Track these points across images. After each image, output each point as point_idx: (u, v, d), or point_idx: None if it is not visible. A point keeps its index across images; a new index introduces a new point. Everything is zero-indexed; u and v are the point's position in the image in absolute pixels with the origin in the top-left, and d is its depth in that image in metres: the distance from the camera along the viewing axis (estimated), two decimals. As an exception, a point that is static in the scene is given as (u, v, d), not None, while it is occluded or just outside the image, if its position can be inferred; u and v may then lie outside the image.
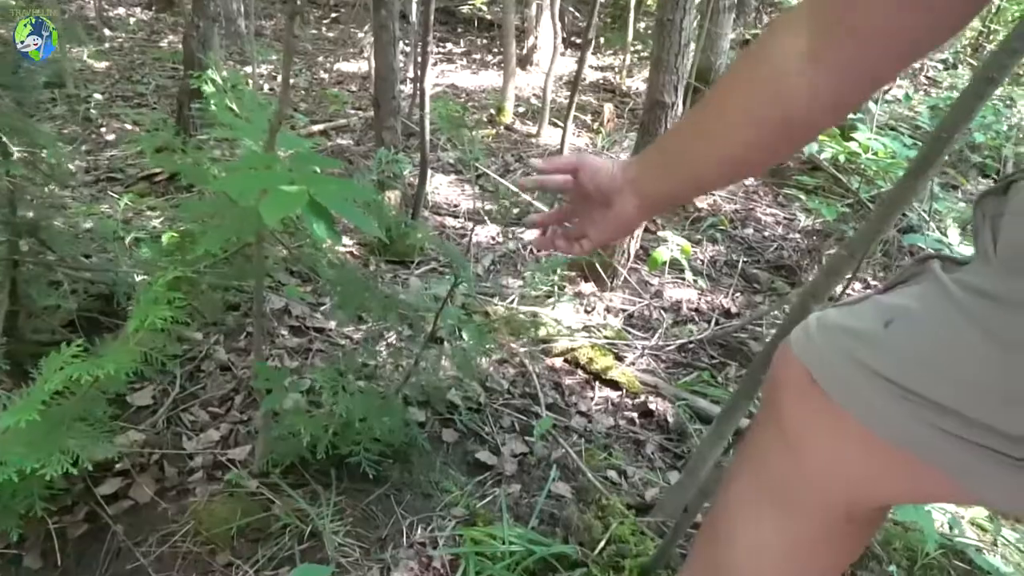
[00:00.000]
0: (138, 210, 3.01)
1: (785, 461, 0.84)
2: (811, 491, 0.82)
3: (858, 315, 0.77)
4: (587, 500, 1.80)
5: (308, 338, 2.32)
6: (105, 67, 5.33)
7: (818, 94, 0.73)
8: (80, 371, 1.17)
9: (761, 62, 0.76)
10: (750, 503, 0.90)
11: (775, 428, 0.85)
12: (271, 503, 1.66)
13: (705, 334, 2.73)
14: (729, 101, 0.80)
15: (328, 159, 1.40)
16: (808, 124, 0.78)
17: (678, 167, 0.87)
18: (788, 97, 0.74)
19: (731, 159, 0.82)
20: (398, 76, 2.81)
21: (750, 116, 0.78)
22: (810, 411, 0.79)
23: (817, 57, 0.71)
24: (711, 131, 0.82)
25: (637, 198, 0.90)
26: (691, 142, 0.86)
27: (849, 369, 0.74)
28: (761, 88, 0.76)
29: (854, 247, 1.51)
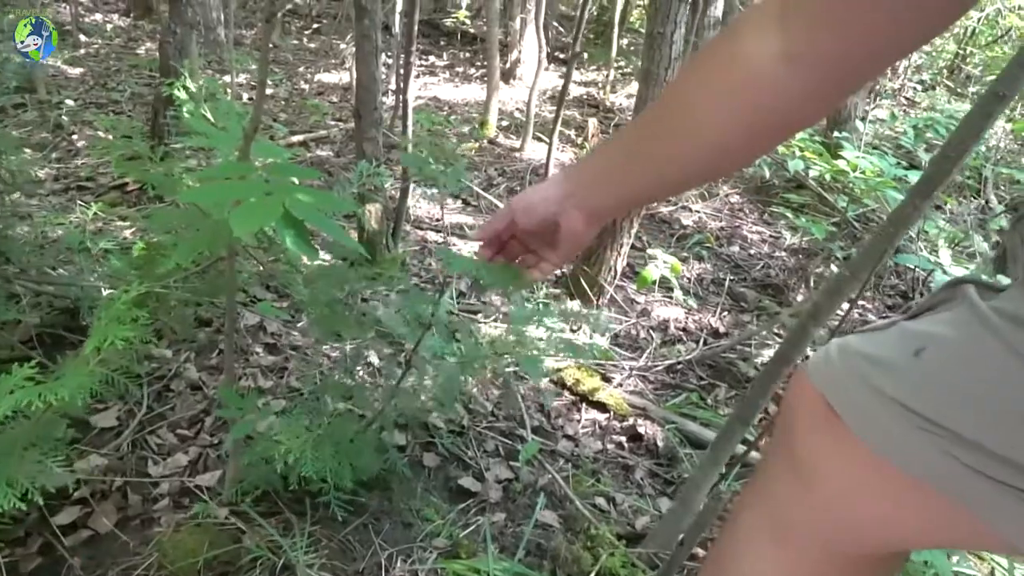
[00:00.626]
0: (108, 220, 2.90)
1: (792, 492, 0.78)
2: (815, 527, 0.76)
3: (883, 343, 0.71)
4: (575, 529, 1.72)
5: (283, 356, 2.22)
6: (79, 73, 5.21)
7: (793, 96, 0.67)
8: (31, 396, 1.07)
9: (728, 64, 0.70)
10: (757, 540, 0.83)
11: (785, 457, 0.79)
12: (241, 533, 1.56)
13: (693, 354, 2.67)
14: (694, 107, 0.74)
15: (306, 169, 1.31)
16: (783, 127, 0.73)
17: (630, 175, 0.82)
18: (762, 101, 0.69)
19: (696, 165, 0.78)
20: (380, 87, 2.73)
21: (719, 122, 0.72)
22: (824, 440, 0.73)
23: (792, 57, 0.65)
24: (672, 139, 0.77)
25: (580, 211, 0.85)
26: (644, 150, 0.80)
27: (869, 397, 0.68)
28: (731, 93, 0.70)
29: (857, 267, 1.46)
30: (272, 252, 1.71)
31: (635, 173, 0.82)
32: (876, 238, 1.44)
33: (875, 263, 1.44)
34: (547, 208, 0.87)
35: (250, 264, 1.96)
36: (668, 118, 0.78)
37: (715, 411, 2.38)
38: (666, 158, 0.78)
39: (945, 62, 9.66)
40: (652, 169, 0.80)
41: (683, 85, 0.77)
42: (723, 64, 0.71)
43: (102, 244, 2.53)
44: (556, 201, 0.86)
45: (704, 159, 0.76)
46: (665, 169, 0.80)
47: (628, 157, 0.82)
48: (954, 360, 0.64)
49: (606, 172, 0.84)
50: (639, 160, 0.81)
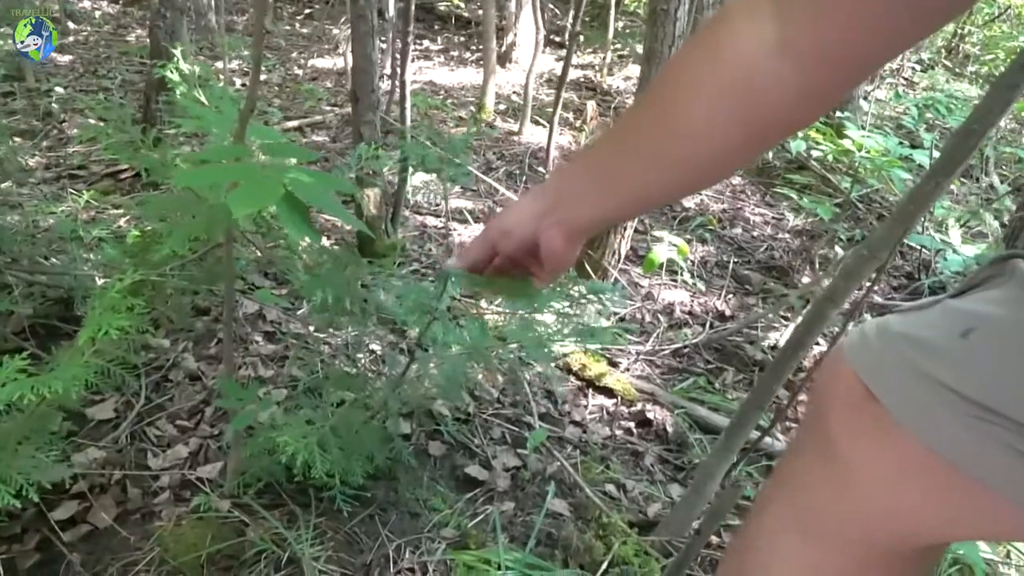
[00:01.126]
0: (101, 208, 2.84)
1: (827, 486, 0.73)
2: (853, 522, 0.71)
3: (926, 323, 0.66)
4: (586, 518, 1.68)
5: (284, 344, 2.18)
6: (68, 61, 5.12)
7: (792, 91, 0.61)
8: (23, 389, 1.02)
9: (718, 59, 0.64)
10: (784, 533, 0.78)
11: (818, 448, 0.74)
12: (245, 526, 1.52)
13: (700, 338, 2.63)
14: (680, 110, 0.67)
15: (304, 150, 1.27)
16: (780, 126, 0.66)
17: (613, 186, 0.74)
18: (757, 98, 0.62)
19: (684, 172, 0.70)
20: (377, 69, 2.67)
21: (709, 123, 0.65)
22: (863, 429, 0.68)
23: (789, 47, 0.59)
24: (657, 145, 0.70)
25: (559, 228, 0.77)
26: (631, 158, 0.72)
27: (914, 382, 0.63)
28: (721, 90, 0.63)
29: (876, 246, 1.41)
30: (271, 237, 1.66)
31: (616, 183, 0.74)
32: (896, 216, 1.39)
33: (896, 242, 1.39)
34: (524, 229, 0.80)
35: (248, 251, 1.91)
36: (651, 122, 0.71)
37: (723, 395, 2.35)
38: (651, 166, 0.71)
39: (944, 42, 9.58)
40: (635, 178, 0.73)
41: (668, 83, 0.70)
42: (712, 57, 0.64)
43: (95, 233, 2.48)
44: (532, 220, 0.79)
45: (693, 165, 0.69)
46: (650, 178, 0.72)
47: (608, 166, 0.75)
48: (1007, 342, 0.60)
49: (585, 184, 0.76)
50: (621, 169, 0.74)
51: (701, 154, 0.67)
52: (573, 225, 0.77)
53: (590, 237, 0.84)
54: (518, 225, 0.80)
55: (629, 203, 0.77)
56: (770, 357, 2.58)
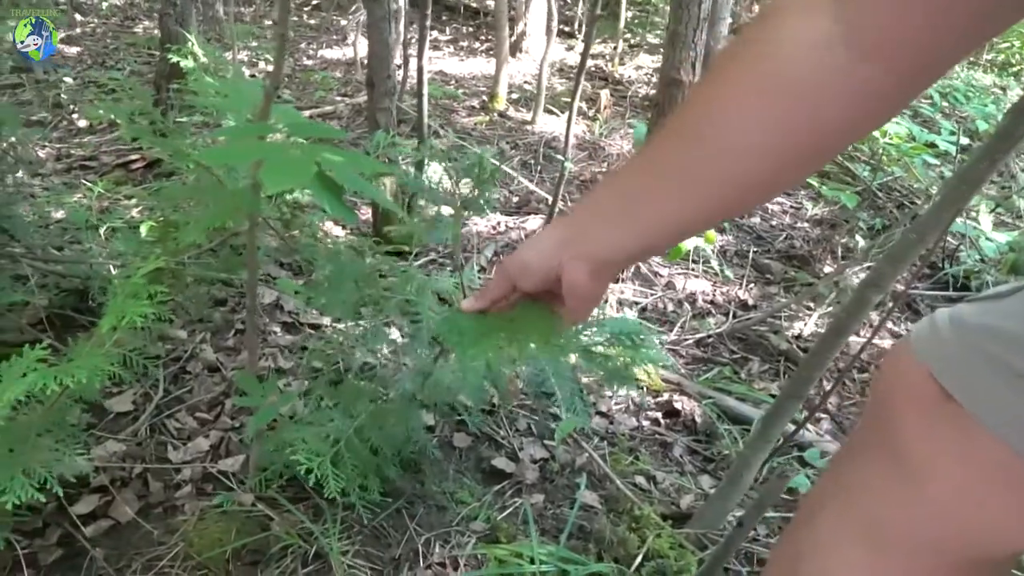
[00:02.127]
0: (114, 199, 2.80)
1: (896, 493, 0.66)
2: (925, 532, 0.65)
3: (1007, 313, 0.60)
4: (618, 510, 1.64)
5: (302, 335, 2.13)
6: (76, 52, 5.08)
7: (855, 91, 0.54)
8: (46, 379, 0.98)
9: (768, 60, 0.57)
10: (844, 542, 0.72)
11: (884, 452, 0.68)
12: (269, 520, 1.48)
13: (724, 327, 2.58)
14: (725, 121, 0.60)
15: (331, 128, 1.22)
16: (844, 131, 0.59)
17: (646, 213, 0.66)
18: (817, 101, 0.55)
19: (734, 191, 0.63)
20: (393, 54, 2.61)
21: (763, 136, 0.58)
22: (938, 433, 0.63)
23: (853, 42, 0.53)
24: (699, 162, 0.62)
25: (584, 260, 0.69)
26: (667, 179, 0.65)
27: (996, 379, 0.57)
28: (777, 96, 0.57)
29: (924, 229, 1.36)
30: (294, 225, 1.61)
31: (650, 209, 0.66)
32: (945, 198, 1.34)
33: (946, 225, 1.34)
34: (544, 263, 0.72)
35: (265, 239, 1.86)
36: (691, 137, 0.63)
37: (749, 385, 2.30)
38: (691, 187, 0.63)
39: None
40: (672, 202, 0.65)
41: (709, 93, 0.62)
42: (761, 59, 0.58)
43: (109, 223, 2.44)
44: (553, 253, 0.71)
45: (741, 184, 0.62)
46: (689, 201, 0.64)
47: (640, 190, 0.67)
48: None
49: (613, 211, 0.68)
50: (654, 192, 0.65)
51: (751, 170, 0.60)
52: (599, 257, 0.69)
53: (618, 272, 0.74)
54: (538, 258, 0.73)
55: (664, 231, 0.67)
56: (795, 347, 2.53)
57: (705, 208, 0.64)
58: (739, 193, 0.63)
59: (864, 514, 0.69)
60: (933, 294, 3.05)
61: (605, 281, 0.73)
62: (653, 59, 6.56)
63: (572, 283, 0.70)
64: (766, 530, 1.70)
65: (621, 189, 0.69)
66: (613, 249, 0.69)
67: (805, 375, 1.48)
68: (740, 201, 0.66)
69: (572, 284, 0.70)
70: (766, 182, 0.62)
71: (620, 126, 4.70)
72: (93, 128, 3.64)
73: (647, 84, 5.81)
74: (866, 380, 2.43)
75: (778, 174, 0.61)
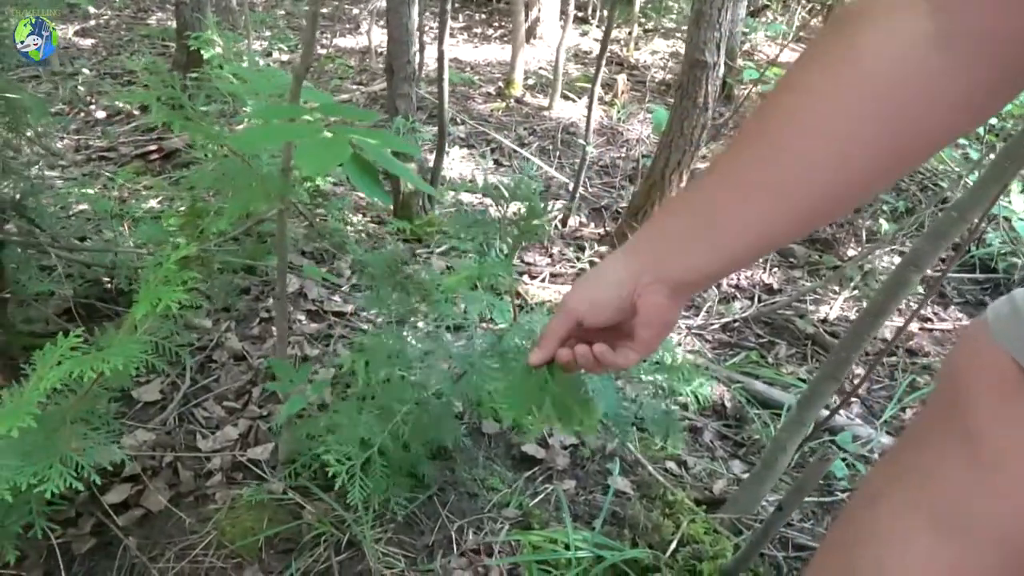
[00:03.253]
0: (133, 189, 2.80)
1: (969, 479, 0.64)
2: (1002, 519, 0.63)
3: None
4: (650, 496, 1.62)
5: (327, 323, 2.12)
6: (91, 45, 5.08)
7: (954, 94, 0.51)
8: (82, 366, 0.97)
9: (859, 61, 0.54)
10: (911, 530, 0.69)
11: (956, 435, 0.65)
12: (301, 509, 1.47)
13: (749, 312, 2.55)
14: (811, 129, 0.57)
15: (362, 110, 1.20)
16: (939, 136, 0.56)
17: (726, 231, 0.63)
18: (913, 105, 0.52)
19: (820, 202, 0.60)
20: (413, 39, 2.59)
21: (853, 143, 0.55)
22: (1017, 416, 0.60)
23: (954, 42, 0.50)
24: (782, 175, 0.59)
25: (663, 286, 0.67)
26: (747, 194, 0.62)
27: None
28: (869, 100, 0.53)
29: (965, 207, 1.32)
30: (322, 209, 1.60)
31: (730, 227, 0.63)
32: (989, 174, 1.30)
33: (991, 202, 1.30)
34: (617, 295, 0.69)
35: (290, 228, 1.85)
36: (771, 147, 0.59)
37: (776, 369, 2.27)
38: (774, 201, 0.60)
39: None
40: (755, 218, 0.61)
41: (794, 97, 0.59)
42: (850, 61, 0.54)
43: (130, 213, 2.43)
44: (626, 283, 0.68)
45: (828, 194, 0.58)
46: (773, 216, 0.61)
47: (717, 207, 0.64)
48: None
49: (689, 231, 0.65)
50: (734, 209, 0.62)
51: (843, 180, 0.57)
52: (681, 281, 0.67)
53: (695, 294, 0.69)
54: (609, 291, 0.69)
55: (748, 247, 0.64)
56: (822, 331, 2.49)
57: (793, 221, 0.61)
58: (829, 204, 0.60)
59: (932, 500, 0.66)
60: (959, 276, 3.01)
61: (680, 307, 0.70)
62: (668, 43, 6.49)
63: (652, 311, 0.68)
64: (800, 515, 1.68)
65: (697, 208, 0.66)
66: (695, 271, 0.66)
67: (843, 356, 1.45)
68: (829, 212, 0.63)
69: (652, 312, 0.68)
70: (857, 191, 0.59)
71: (638, 111, 4.66)
72: (111, 119, 3.64)
73: (663, 69, 5.75)
74: (894, 364, 2.40)
75: (870, 182, 0.58)
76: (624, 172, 3.75)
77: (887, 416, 2.07)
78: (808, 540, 1.58)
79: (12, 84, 1.52)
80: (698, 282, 0.68)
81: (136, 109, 3.68)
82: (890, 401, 2.15)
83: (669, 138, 2.58)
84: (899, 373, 2.33)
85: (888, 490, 0.73)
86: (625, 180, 3.67)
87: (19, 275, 1.73)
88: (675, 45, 6.34)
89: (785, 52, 5.90)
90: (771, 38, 6.33)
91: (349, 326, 2.13)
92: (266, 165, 1.51)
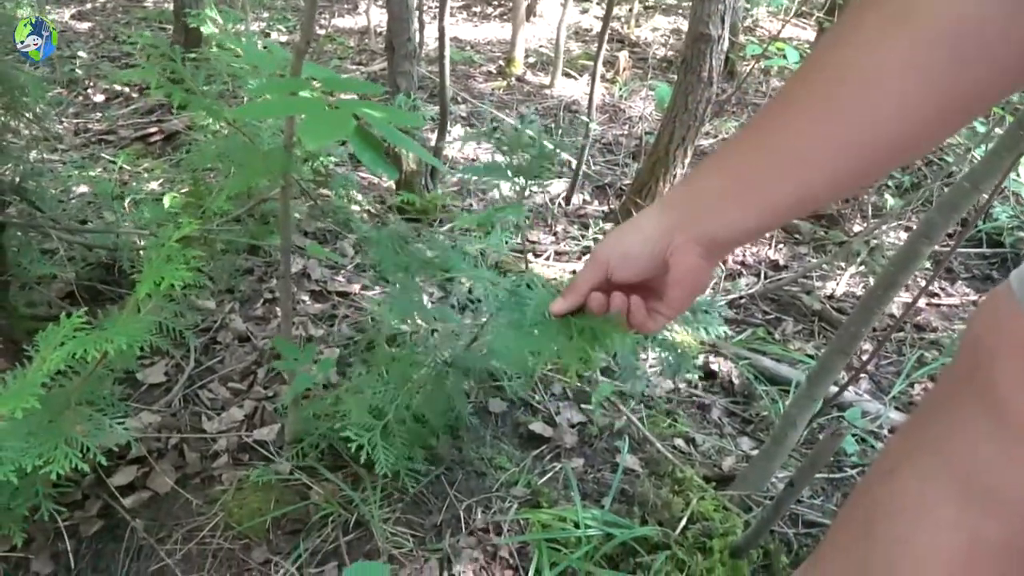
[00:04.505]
0: (134, 172, 2.78)
1: (994, 447, 0.62)
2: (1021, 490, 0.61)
3: None
4: (659, 473, 1.61)
5: (331, 303, 2.11)
6: (88, 28, 5.03)
7: (1015, 46, 0.50)
8: (86, 346, 0.96)
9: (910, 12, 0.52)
10: (931, 498, 0.68)
11: (980, 404, 0.63)
12: (308, 489, 1.47)
13: (756, 288, 2.53)
14: (858, 84, 0.56)
15: (365, 83, 1.17)
16: (994, 91, 0.54)
17: (764, 188, 0.63)
18: (969, 58, 0.51)
19: (863, 161, 0.59)
20: (413, 16, 2.55)
21: (905, 100, 0.54)
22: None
23: None
24: (826, 131, 0.58)
25: (698, 245, 0.66)
26: (787, 151, 0.61)
27: None
28: (923, 50, 0.52)
29: (979, 178, 1.30)
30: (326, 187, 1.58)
31: (768, 184, 0.62)
32: (1003, 143, 1.28)
33: (1005, 173, 1.28)
34: (650, 249, 0.68)
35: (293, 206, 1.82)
36: (816, 103, 0.59)
37: (784, 346, 2.26)
38: (815, 159, 0.59)
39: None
40: (793, 175, 0.61)
41: (835, 55, 0.58)
42: (899, 15, 0.53)
43: (131, 195, 2.42)
44: (660, 237, 0.67)
45: (873, 151, 0.57)
46: (812, 174, 0.60)
47: (756, 164, 0.63)
48: None
49: (726, 188, 0.65)
50: (774, 165, 0.61)
51: (890, 135, 0.56)
52: (716, 238, 0.66)
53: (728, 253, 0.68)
54: (643, 244, 0.69)
55: (787, 206, 0.63)
56: (828, 307, 2.48)
57: (836, 179, 0.60)
58: (877, 157, 0.58)
59: (957, 471, 0.65)
60: (966, 251, 2.98)
61: (714, 266, 0.69)
62: (669, 19, 6.43)
63: (684, 271, 0.67)
64: (810, 491, 1.67)
65: (735, 166, 0.65)
66: (732, 229, 0.65)
67: (853, 330, 1.44)
68: (878, 165, 0.61)
69: (685, 269, 0.67)
70: (909, 143, 0.58)
71: (640, 88, 4.61)
72: (109, 102, 3.61)
73: (664, 45, 5.69)
74: (902, 339, 2.38)
75: (921, 134, 0.57)
76: (627, 149, 3.72)
77: (896, 392, 2.06)
78: (818, 516, 1.57)
79: (7, 63, 1.49)
80: (734, 241, 0.67)
81: (135, 92, 3.65)
82: (898, 377, 2.13)
83: (673, 114, 2.55)
84: (907, 348, 2.31)
85: (906, 463, 0.71)
86: (628, 157, 3.64)
87: (21, 258, 1.71)
88: (676, 21, 6.27)
89: (787, 28, 5.83)
90: (773, 13, 6.26)
91: (353, 306, 2.11)
92: (268, 143, 1.49)
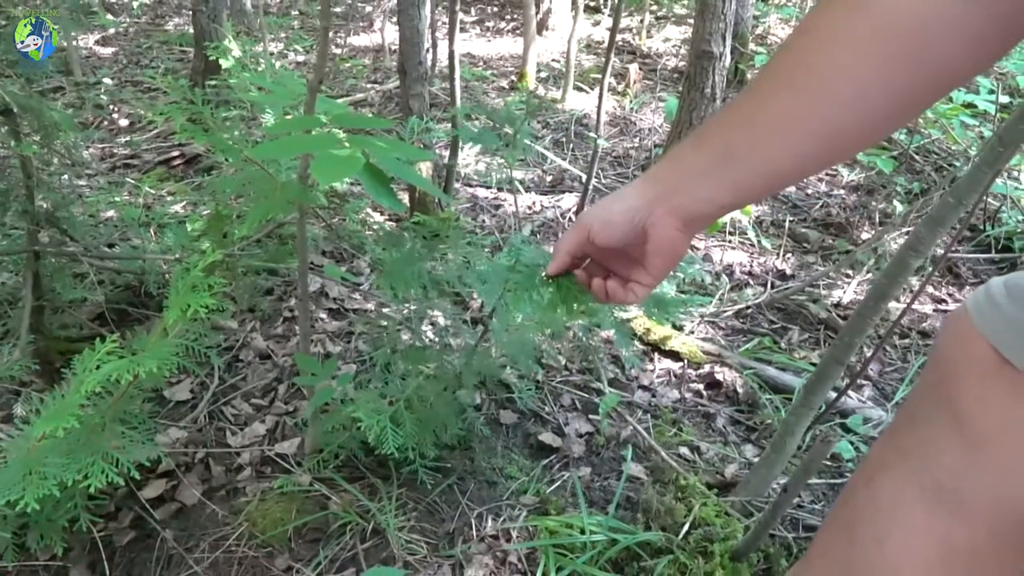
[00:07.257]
0: (158, 195, 2.89)
1: (959, 456, 0.69)
2: (989, 493, 0.68)
3: None
4: (664, 480, 1.67)
5: (348, 320, 2.19)
6: (111, 53, 5.19)
7: (969, 32, 0.54)
8: (119, 369, 1.04)
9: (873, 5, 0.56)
10: (906, 504, 0.74)
11: (944, 414, 0.70)
12: (327, 500, 1.54)
13: (762, 298, 2.58)
14: (824, 68, 0.60)
15: (376, 119, 1.25)
16: (951, 76, 0.58)
17: (740, 164, 0.66)
18: (926, 43, 0.55)
19: (830, 141, 0.63)
20: (424, 40, 2.64)
21: (862, 84, 0.58)
22: (997, 395, 0.65)
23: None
24: (795, 112, 0.62)
25: (676, 218, 0.69)
26: (762, 130, 0.64)
27: None
28: (882, 38, 0.56)
29: (962, 192, 1.36)
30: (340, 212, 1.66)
31: (744, 160, 0.65)
32: (984, 159, 1.33)
33: (985, 187, 1.33)
34: (630, 217, 0.71)
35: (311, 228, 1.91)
36: (786, 87, 0.63)
37: (790, 355, 2.30)
38: (786, 138, 0.63)
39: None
40: (767, 153, 0.64)
41: (805, 38, 0.62)
42: (858, 4, 0.58)
43: (156, 220, 2.52)
44: (641, 207, 0.71)
45: (838, 132, 0.61)
46: (784, 152, 0.64)
47: (733, 141, 0.66)
48: None
49: (705, 164, 0.68)
50: (749, 144, 0.65)
51: (850, 117, 0.60)
52: (692, 212, 0.69)
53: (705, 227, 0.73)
54: (625, 212, 0.72)
55: (759, 182, 0.66)
56: (835, 315, 2.52)
57: (803, 157, 0.64)
58: (838, 141, 0.63)
59: (926, 477, 0.72)
60: (975, 257, 3.01)
61: (690, 238, 0.73)
62: (681, 31, 6.49)
63: (662, 238, 0.70)
64: (811, 496, 1.72)
65: (712, 143, 0.68)
66: (707, 203, 0.68)
67: (847, 341, 1.49)
68: (838, 149, 0.65)
69: (662, 239, 0.70)
70: (866, 129, 0.62)
71: (650, 100, 4.68)
72: (133, 127, 3.74)
73: (675, 56, 5.75)
74: (906, 346, 2.42)
75: (878, 121, 0.61)
76: (637, 162, 3.79)
77: (899, 398, 2.10)
78: (817, 521, 1.62)
79: (42, 102, 1.59)
80: (710, 214, 0.71)
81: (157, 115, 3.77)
82: (902, 383, 2.18)
83: (679, 129, 2.62)
84: (911, 355, 2.35)
85: (887, 468, 0.78)
86: (639, 170, 3.70)
87: (53, 283, 1.81)
88: (687, 32, 6.32)
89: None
90: (784, 20, 6.30)
91: (370, 323, 2.19)
92: (284, 172, 1.57)
